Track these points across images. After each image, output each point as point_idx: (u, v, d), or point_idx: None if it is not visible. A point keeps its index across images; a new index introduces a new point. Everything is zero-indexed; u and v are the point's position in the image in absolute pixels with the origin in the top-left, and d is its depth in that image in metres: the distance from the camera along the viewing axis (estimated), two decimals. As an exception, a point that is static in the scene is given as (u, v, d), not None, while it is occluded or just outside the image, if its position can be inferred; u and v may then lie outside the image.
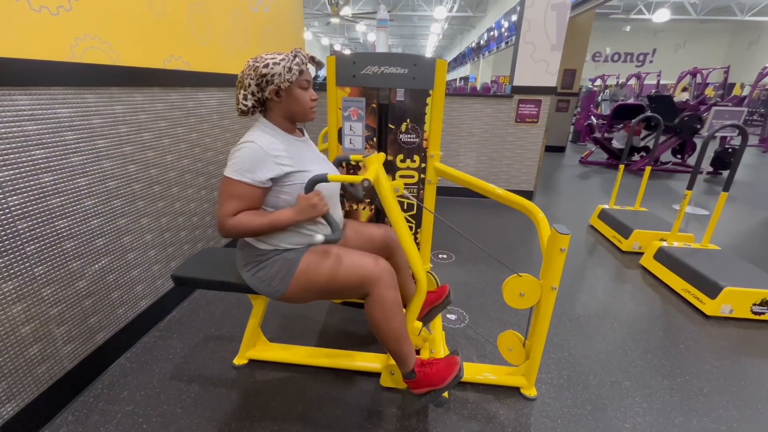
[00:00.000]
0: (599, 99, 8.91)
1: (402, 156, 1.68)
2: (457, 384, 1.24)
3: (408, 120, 1.64)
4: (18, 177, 1.10)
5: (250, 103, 1.10)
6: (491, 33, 10.06)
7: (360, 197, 1.38)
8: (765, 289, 1.87)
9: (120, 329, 1.54)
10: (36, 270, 1.18)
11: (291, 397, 1.37)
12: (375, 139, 1.64)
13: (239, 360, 1.52)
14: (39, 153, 1.16)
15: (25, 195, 1.13)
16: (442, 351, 1.52)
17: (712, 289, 1.92)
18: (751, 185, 4.87)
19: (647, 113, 3.11)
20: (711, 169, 5.33)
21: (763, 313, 1.89)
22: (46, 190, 1.19)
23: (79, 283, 1.34)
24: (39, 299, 1.20)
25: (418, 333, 1.51)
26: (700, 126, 5.18)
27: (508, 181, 3.89)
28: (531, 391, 1.39)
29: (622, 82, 9.50)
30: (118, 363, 1.51)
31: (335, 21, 11.66)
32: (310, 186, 1.04)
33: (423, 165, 1.68)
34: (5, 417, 1.11)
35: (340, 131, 1.65)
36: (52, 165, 1.20)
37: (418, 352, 1.51)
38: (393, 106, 1.61)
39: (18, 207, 1.11)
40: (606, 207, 3.14)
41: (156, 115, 1.65)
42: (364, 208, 1.79)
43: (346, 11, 10.77)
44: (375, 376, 1.46)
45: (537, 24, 3.38)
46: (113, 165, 1.44)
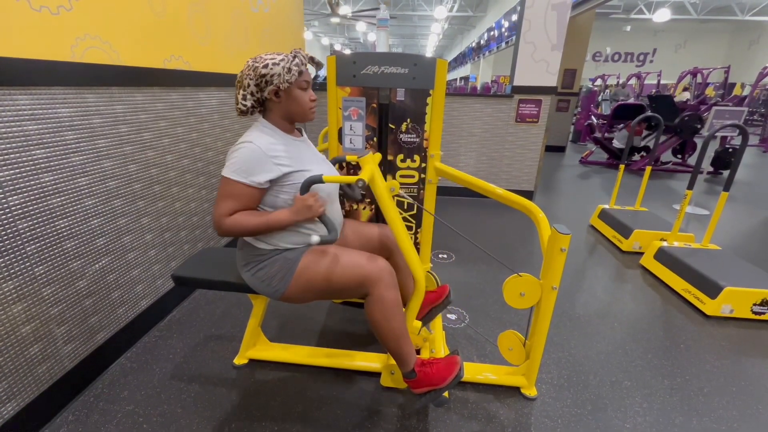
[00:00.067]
0: (599, 99, 8.91)
1: (402, 156, 1.68)
2: (458, 384, 1.24)
3: (408, 120, 1.63)
4: (18, 177, 1.11)
5: (249, 103, 1.10)
6: (491, 33, 10.06)
7: (358, 197, 1.38)
8: (765, 289, 1.87)
9: (120, 329, 1.54)
10: (36, 270, 1.18)
11: (291, 397, 1.37)
12: (375, 139, 1.64)
13: (239, 360, 1.52)
14: (39, 153, 1.16)
15: (26, 195, 1.13)
16: (442, 351, 1.52)
17: (712, 289, 1.92)
18: (752, 185, 4.87)
19: (647, 113, 3.11)
20: (711, 169, 5.33)
21: (764, 313, 1.89)
22: (46, 189, 1.19)
23: (80, 283, 1.34)
24: (39, 299, 1.20)
25: (417, 332, 1.51)
26: (700, 126, 5.18)
27: (508, 181, 3.89)
28: (531, 391, 1.39)
29: (623, 81, 9.50)
30: (118, 363, 1.52)
31: (335, 20, 11.66)
32: (305, 187, 1.04)
33: (423, 165, 1.68)
34: (6, 416, 1.11)
35: (340, 131, 1.64)
36: (52, 165, 1.20)
37: (418, 351, 1.51)
38: (393, 105, 1.61)
39: (18, 207, 1.11)
40: (606, 207, 3.14)
41: (156, 115, 1.65)
42: (364, 208, 1.79)
43: (345, 10, 10.77)
44: (375, 375, 1.46)
45: (537, 24, 3.38)
46: (113, 165, 1.44)
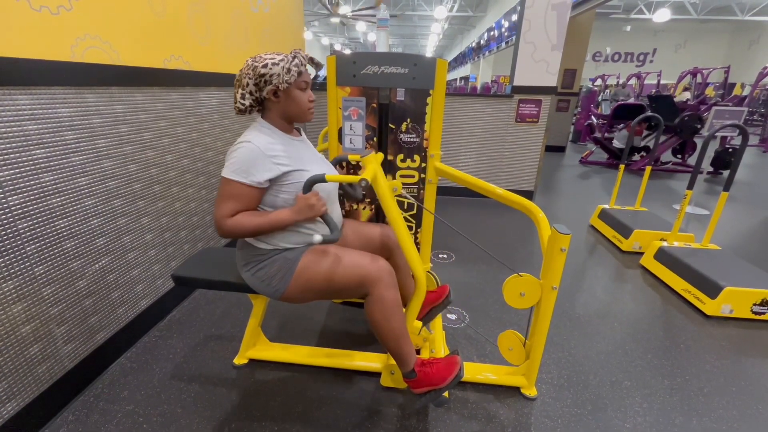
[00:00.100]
0: (599, 99, 8.91)
1: (402, 156, 1.68)
2: (458, 384, 1.24)
3: (408, 120, 1.63)
4: (18, 176, 1.11)
5: (247, 102, 1.10)
6: (491, 33, 10.06)
7: (359, 197, 1.38)
8: (765, 289, 1.87)
9: (120, 329, 1.54)
10: (36, 269, 1.18)
11: (291, 397, 1.37)
12: (375, 139, 1.64)
13: (239, 360, 1.52)
14: (39, 152, 1.16)
15: (26, 194, 1.13)
16: (442, 351, 1.52)
17: (712, 289, 1.92)
18: (752, 185, 4.87)
19: (647, 113, 3.11)
20: (711, 169, 5.33)
21: (764, 313, 1.89)
22: (46, 189, 1.19)
23: (80, 283, 1.34)
24: (39, 299, 1.20)
25: (417, 332, 1.51)
26: (700, 126, 5.18)
27: (508, 181, 3.89)
28: (531, 391, 1.39)
29: (623, 81, 9.50)
30: (118, 363, 1.52)
31: (335, 20, 11.65)
32: (308, 186, 1.04)
33: (423, 165, 1.68)
34: (6, 416, 1.11)
35: (340, 131, 1.64)
36: (52, 164, 1.20)
37: (418, 351, 1.51)
38: (393, 105, 1.61)
39: (18, 206, 1.11)
40: (606, 207, 3.14)
41: (156, 115, 1.65)
42: (364, 207, 1.79)
43: (345, 10, 10.75)
44: (375, 375, 1.46)
45: (537, 24, 3.38)
46: (113, 165, 1.44)
